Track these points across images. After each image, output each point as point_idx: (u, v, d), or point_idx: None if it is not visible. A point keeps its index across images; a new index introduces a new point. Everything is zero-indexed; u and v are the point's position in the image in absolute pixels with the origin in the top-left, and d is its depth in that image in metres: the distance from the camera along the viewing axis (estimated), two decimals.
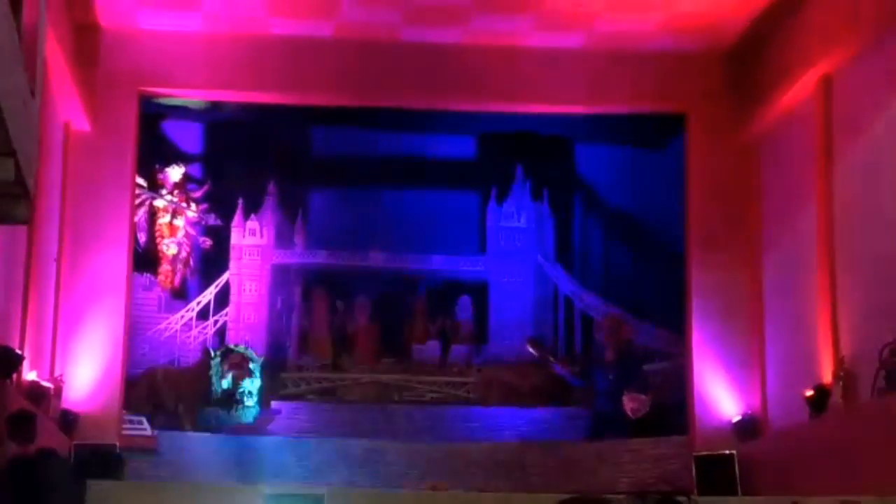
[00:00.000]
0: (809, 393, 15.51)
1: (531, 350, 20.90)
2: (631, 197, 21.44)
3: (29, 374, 15.49)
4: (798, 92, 16.75)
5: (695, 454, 17.73)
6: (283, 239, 21.75)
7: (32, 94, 9.63)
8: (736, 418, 18.05)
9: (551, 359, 20.82)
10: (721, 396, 18.28)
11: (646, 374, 20.20)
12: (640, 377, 20.16)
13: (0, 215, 9.74)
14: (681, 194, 19.35)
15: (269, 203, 21.68)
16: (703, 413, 18.32)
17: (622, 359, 20.38)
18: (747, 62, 18.49)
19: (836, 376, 15.10)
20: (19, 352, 14.47)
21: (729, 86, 18.78)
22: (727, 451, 17.36)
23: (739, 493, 16.52)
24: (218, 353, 20.40)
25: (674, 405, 19.20)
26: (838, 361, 15.17)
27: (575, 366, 20.77)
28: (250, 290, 21.40)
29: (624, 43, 18.66)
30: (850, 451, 13.72)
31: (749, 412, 18.05)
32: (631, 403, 19.85)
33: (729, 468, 17.09)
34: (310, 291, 21.72)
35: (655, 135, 20.49)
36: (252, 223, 21.54)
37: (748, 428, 17.90)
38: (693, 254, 18.89)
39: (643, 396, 19.90)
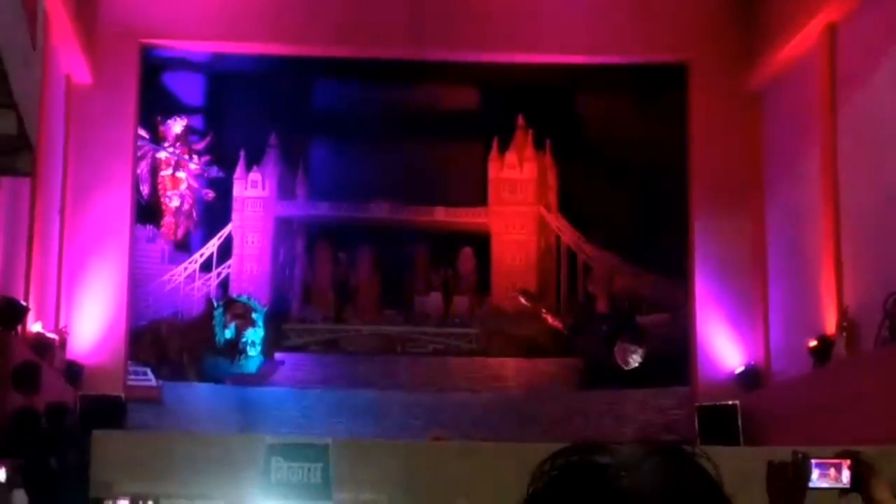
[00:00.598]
0: (813, 343, 15.53)
1: (522, 301, 20.92)
2: (634, 146, 21.35)
3: (34, 326, 15.52)
4: (802, 41, 16.66)
5: (698, 405, 17.76)
6: (285, 191, 21.73)
7: (33, 46, 9.59)
8: (739, 369, 18.09)
9: (543, 310, 20.84)
10: (724, 347, 18.31)
11: (638, 324, 20.24)
12: (632, 328, 20.20)
13: (2, 168, 9.73)
14: (683, 144, 19.29)
15: (271, 155, 21.65)
16: (706, 364, 18.35)
17: (615, 310, 20.39)
18: (751, 9, 18.38)
19: (839, 327, 15.11)
20: (24, 303, 14.51)
21: (732, 33, 18.66)
22: (730, 402, 17.38)
23: (742, 443, 16.56)
24: (221, 303, 20.43)
25: (677, 356, 19.23)
26: (842, 312, 15.17)
27: (567, 317, 20.77)
28: (253, 242, 21.41)
29: None
30: (854, 402, 13.74)
31: (752, 363, 18.08)
32: (623, 354, 19.93)
33: (732, 419, 17.12)
34: (312, 243, 21.73)
35: (657, 83, 20.38)
36: (254, 175, 21.51)
37: (751, 379, 17.94)
38: (696, 204, 18.85)
39: (635, 347, 19.97)
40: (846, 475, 4.27)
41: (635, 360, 19.91)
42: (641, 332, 20.12)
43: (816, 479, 4.29)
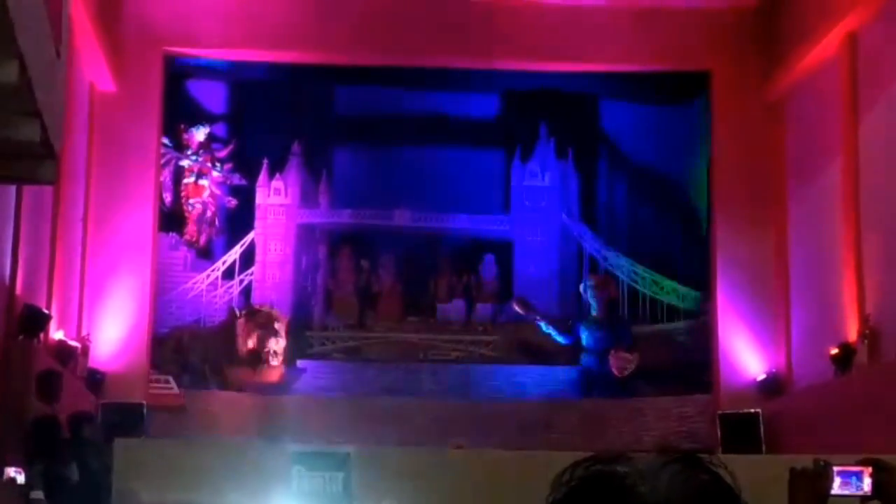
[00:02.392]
0: (834, 351, 15.50)
1: (517, 309, 20.90)
2: (656, 155, 21.35)
3: (56, 334, 15.61)
4: (823, 49, 16.65)
5: (719, 412, 17.74)
6: (307, 198, 21.76)
7: (58, 55, 9.66)
8: (760, 377, 18.06)
9: (538, 317, 20.82)
10: (746, 355, 18.28)
11: (632, 332, 20.23)
12: (627, 335, 20.19)
13: (27, 176, 9.81)
14: (706, 152, 19.28)
15: (294, 162, 21.69)
16: (727, 371, 18.33)
17: (610, 317, 20.37)
18: (772, 19, 18.37)
19: (860, 334, 15.08)
20: (46, 311, 14.59)
21: (754, 43, 18.66)
22: (752, 410, 17.36)
23: (764, 451, 16.53)
24: (243, 312, 20.45)
25: (699, 364, 19.20)
26: (863, 320, 15.14)
27: (561, 324, 20.74)
28: (275, 250, 21.45)
29: (649, 1, 18.56)
30: (876, 410, 13.71)
31: (773, 370, 18.05)
32: (617, 362, 19.95)
33: (753, 426, 17.10)
34: (335, 251, 21.76)
35: (680, 92, 20.38)
36: (277, 183, 21.56)
37: (773, 386, 17.91)
38: (718, 212, 18.84)
39: (629, 355, 19.98)
40: (867, 482, 4.28)
41: (629, 369, 19.96)
42: (634, 339, 20.13)
43: (838, 487, 4.30)
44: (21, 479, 8.82)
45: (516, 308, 20.94)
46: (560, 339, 20.61)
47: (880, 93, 15.20)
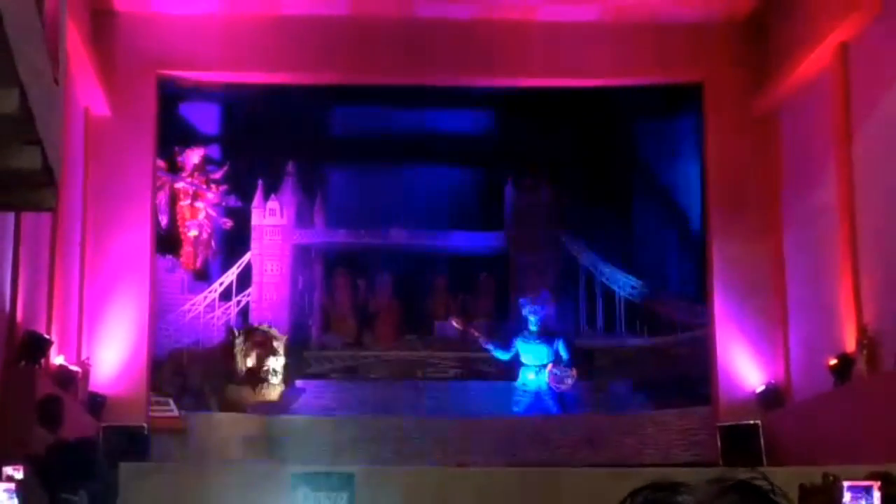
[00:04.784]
0: (833, 362, 15.52)
1: (454, 325, 20.91)
2: (650, 169, 21.43)
3: (56, 359, 15.61)
4: (815, 61, 16.71)
5: (719, 424, 17.75)
6: (303, 218, 21.83)
7: (56, 82, 9.70)
8: (760, 388, 18.08)
9: (476, 333, 20.83)
10: (744, 367, 18.31)
11: (573, 346, 20.26)
12: (566, 350, 20.20)
13: (27, 203, 9.84)
14: (699, 165, 19.35)
15: (289, 183, 21.75)
16: (726, 384, 18.34)
17: (547, 332, 20.38)
18: (764, 31, 18.44)
19: (859, 345, 15.11)
20: (47, 336, 14.60)
21: (746, 55, 18.72)
22: (752, 422, 17.39)
23: (765, 462, 16.55)
24: (241, 332, 20.47)
25: (698, 376, 19.24)
26: (861, 330, 15.18)
27: (499, 339, 20.77)
28: (272, 270, 21.49)
29: (638, 14, 18.65)
30: (875, 419, 13.75)
31: (773, 382, 18.08)
32: (553, 377, 20.00)
33: (753, 438, 17.12)
34: (331, 270, 21.82)
35: (673, 105, 20.46)
36: (272, 203, 21.61)
37: (772, 398, 17.93)
38: (713, 224, 18.88)
39: (567, 370, 20.03)
40: (877, 496, 4.32)
41: (567, 384, 19.99)
42: (573, 354, 20.17)
43: (848, 502, 4.34)
44: (20, 474, 8.80)
45: (454, 325, 20.92)
46: (499, 354, 20.63)
47: (873, 103, 15.26)
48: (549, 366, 20.12)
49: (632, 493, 1.68)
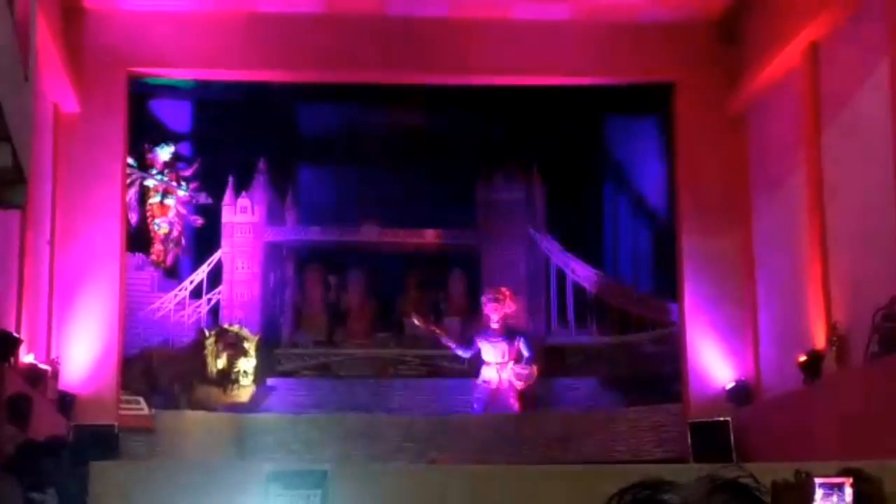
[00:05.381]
0: (803, 358, 15.61)
1: (415, 322, 20.92)
2: (621, 167, 21.49)
3: (26, 357, 15.53)
4: (785, 60, 16.79)
5: (689, 421, 17.84)
6: (274, 216, 21.76)
7: (26, 78, 9.66)
8: (730, 385, 18.17)
9: (436, 331, 20.86)
10: (715, 364, 18.40)
11: (531, 345, 20.30)
12: (527, 349, 20.25)
13: None
14: (671, 163, 19.42)
15: (260, 180, 21.68)
16: (697, 381, 18.43)
17: (508, 330, 20.42)
18: (735, 31, 18.52)
19: (828, 341, 15.20)
20: (16, 335, 14.52)
21: (716, 55, 18.79)
22: (721, 418, 17.47)
23: (735, 459, 16.61)
24: (212, 333, 20.40)
25: (668, 373, 19.33)
26: (831, 327, 15.27)
27: (464, 337, 20.80)
28: (243, 268, 21.43)
29: (612, 14, 18.70)
30: (845, 416, 13.83)
31: (742, 379, 18.17)
32: (514, 375, 20.06)
33: (723, 435, 17.22)
34: (302, 268, 21.76)
35: (644, 104, 20.50)
36: (243, 201, 21.54)
37: (742, 394, 18.02)
38: (683, 222, 18.96)
39: (527, 368, 20.09)
40: (849, 493, 4.34)
41: (528, 382, 20.05)
42: (533, 352, 20.21)
43: (820, 499, 4.35)
44: None
45: (414, 321, 20.92)
46: (461, 352, 20.66)
47: (843, 102, 15.35)
48: (510, 363, 20.15)
49: (620, 491, 1.69)
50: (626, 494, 1.65)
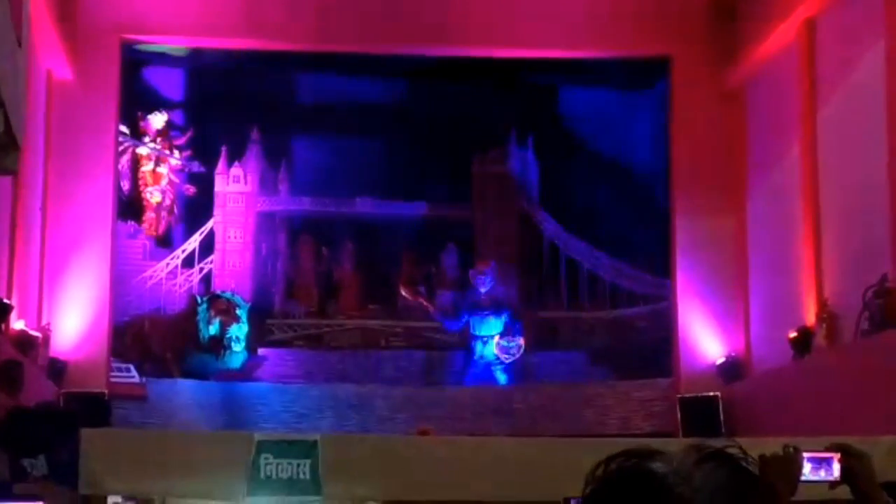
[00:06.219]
0: (793, 335, 15.65)
1: (404, 294, 20.94)
2: (616, 141, 21.44)
3: (17, 324, 15.52)
4: (781, 36, 16.77)
5: (679, 396, 17.89)
6: (267, 186, 21.71)
7: (19, 43, 9.60)
8: (720, 360, 18.21)
9: (424, 303, 20.88)
10: (705, 339, 18.43)
11: (519, 318, 20.33)
12: (514, 321, 20.29)
13: None
14: (666, 138, 19.39)
15: (253, 150, 21.62)
16: (687, 356, 18.47)
17: (496, 304, 20.45)
18: (732, 6, 18.47)
19: (819, 318, 15.24)
20: (7, 301, 14.51)
21: (714, 30, 18.75)
22: (711, 394, 17.53)
23: (723, 434, 16.68)
24: (204, 299, 20.40)
25: (659, 348, 19.36)
26: (821, 304, 15.31)
27: (450, 310, 20.83)
28: (235, 238, 21.39)
29: None
30: (834, 392, 13.88)
31: (733, 354, 18.21)
32: (501, 348, 20.10)
33: (713, 410, 17.27)
34: (295, 238, 21.71)
35: (640, 78, 20.47)
36: (236, 170, 21.49)
37: (732, 370, 18.07)
38: (677, 197, 18.96)
39: (515, 340, 20.13)
40: (836, 468, 4.34)
41: (514, 355, 20.08)
42: (521, 324, 20.23)
43: (808, 473, 4.36)
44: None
45: (402, 293, 20.94)
46: (449, 325, 20.70)
47: (839, 79, 15.34)
48: (497, 337, 20.18)
49: (606, 459, 1.69)
50: (612, 462, 1.65)
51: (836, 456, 4.35)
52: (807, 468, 4.37)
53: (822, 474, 4.36)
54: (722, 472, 1.64)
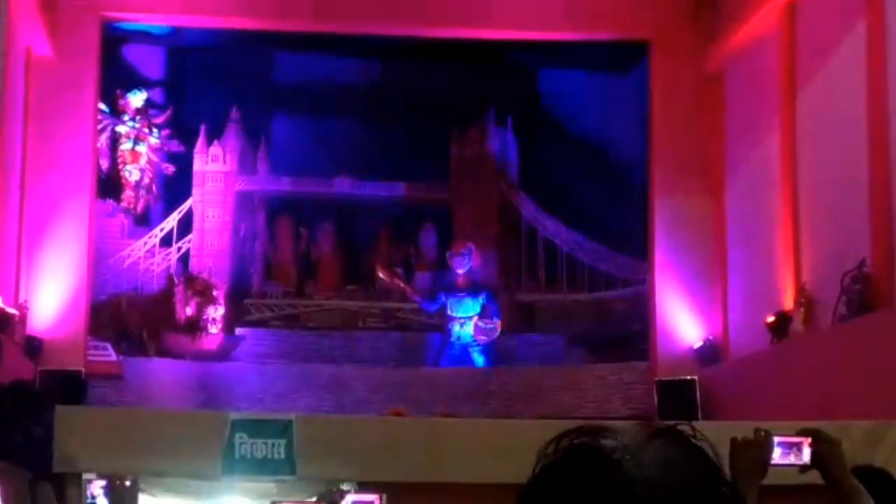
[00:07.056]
0: (770, 319, 15.70)
1: (380, 275, 20.94)
2: (595, 124, 21.43)
3: None
4: (762, 20, 16.77)
5: (657, 379, 17.92)
6: (246, 165, 21.65)
7: None
8: (697, 344, 18.26)
9: (401, 284, 20.90)
10: (683, 323, 18.47)
11: (496, 300, 20.37)
12: (491, 303, 20.33)
13: None
14: (644, 121, 19.40)
15: (232, 129, 21.56)
16: (665, 339, 18.51)
17: (473, 285, 20.49)
18: None
19: (796, 303, 15.29)
20: None
21: (694, 13, 18.75)
22: (688, 377, 17.57)
23: (700, 417, 16.71)
24: (182, 280, 20.36)
25: (636, 331, 19.39)
26: (799, 288, 15.35)
27: (427, 292, 20.85)
28: (213, 217, 21.34)
29: None
30: (810, 377, 13.93)
31: (710, 338, 18.26)
32: (478, 330, 20.14)
33: (690, 393, 17.31)
34: (273, 218, 21.68)
35: (619, 61, 20.47)
36: (215, 149, 21.42)
37: (709, 354, 18.12)
38: (656, 181, 18.98)
39: (492, 322, 20.16)
40: (807, 453, 4.36)
41: (491, 336, 20.11)
42: (498, 306, 20.26)
43: (778, 457, 4.38)
44: None
45: (379, 275, 20.93)
46: (426, 307, 20.72)
47: (818, 65, 15.35)
48: (474, 318, 20.19)
49: (559, 435, 1.69)
50: (564, 440, 1.64)
51: (807, 441, 4.37)
52: (777, 452, 4.38)
53: (792, 459, 4.38)
54: (671, 448, 1.65)
